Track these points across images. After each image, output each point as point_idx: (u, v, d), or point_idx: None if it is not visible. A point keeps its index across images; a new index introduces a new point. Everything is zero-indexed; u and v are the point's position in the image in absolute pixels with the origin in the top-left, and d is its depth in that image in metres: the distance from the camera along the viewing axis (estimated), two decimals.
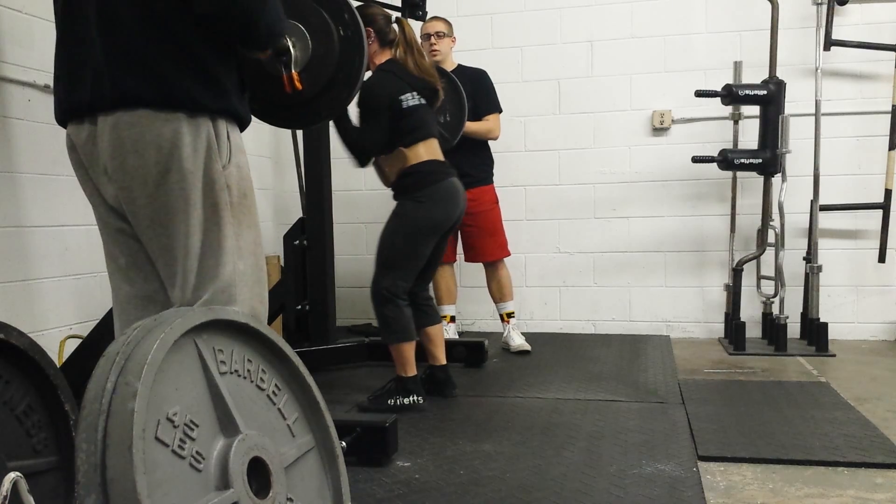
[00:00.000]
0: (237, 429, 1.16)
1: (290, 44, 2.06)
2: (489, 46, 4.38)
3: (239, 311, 1.27)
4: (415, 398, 2.81)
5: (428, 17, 3.29)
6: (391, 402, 2.79)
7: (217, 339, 1.21)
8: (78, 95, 1.48)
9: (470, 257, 3.95)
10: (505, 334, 3.94)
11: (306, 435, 1.37)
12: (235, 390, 1.21)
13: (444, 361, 3.01)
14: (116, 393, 1.02)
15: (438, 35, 3.75)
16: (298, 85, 2.06)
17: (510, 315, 3.92)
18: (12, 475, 1.09)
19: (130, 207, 1.49)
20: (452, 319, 4.01)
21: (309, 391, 1.39)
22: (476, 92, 3.70)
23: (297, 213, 4.12)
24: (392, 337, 2.84)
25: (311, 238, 3.51)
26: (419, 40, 3.85)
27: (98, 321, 2.56)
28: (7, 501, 1.08)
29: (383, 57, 2.89)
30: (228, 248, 1.51)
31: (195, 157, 1.47)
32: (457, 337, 3.97)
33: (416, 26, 3.24)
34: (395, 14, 2.98)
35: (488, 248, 3.84)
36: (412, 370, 2.84)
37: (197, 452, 1.09)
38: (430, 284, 4.04)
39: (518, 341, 3.88)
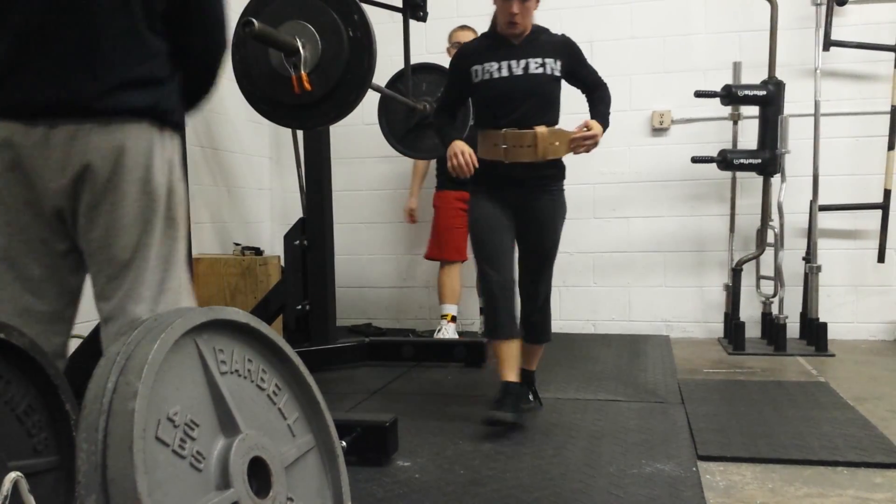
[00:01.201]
0: (237, 428, 1.17)
1: (299, 44, 2.06)
2: None
3: (239, 311, 1.27)
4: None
5: (428, 18, 3.28)
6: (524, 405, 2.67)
7: (217, 339, 1.22)
8: (48, 95, 1.40)
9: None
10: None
11: (306, 435, 1.37)
12: (236, 390, 1.21)
13: None
14: (117, 393, 1.02)
15: None
16: (308, 86, 2.06)
17: None
18: (13, 475, 1.09)
19: (90, 216, 1.44)
20: (453, 319, 4.03)
21: (309, 391, 1.39)
22: None
23: (297, 213, 4.12)
24: (550, 335, 2.75)
25: (311, 238, 3.51)
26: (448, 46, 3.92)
27: (99, 321, 2.55)
28: (8, 501, 1.08)
29: None
30: (179, 262, 1.53)
31: (163, 169, 1.49)
32: (456, 337, 3.99)
33: (417, 27, 3.25)
34: None
35: None
36: None
37: (197, 452, 1.10)
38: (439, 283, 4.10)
39: None
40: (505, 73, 2.53)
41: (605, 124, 2.56)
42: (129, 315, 1.45)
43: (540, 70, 2.53)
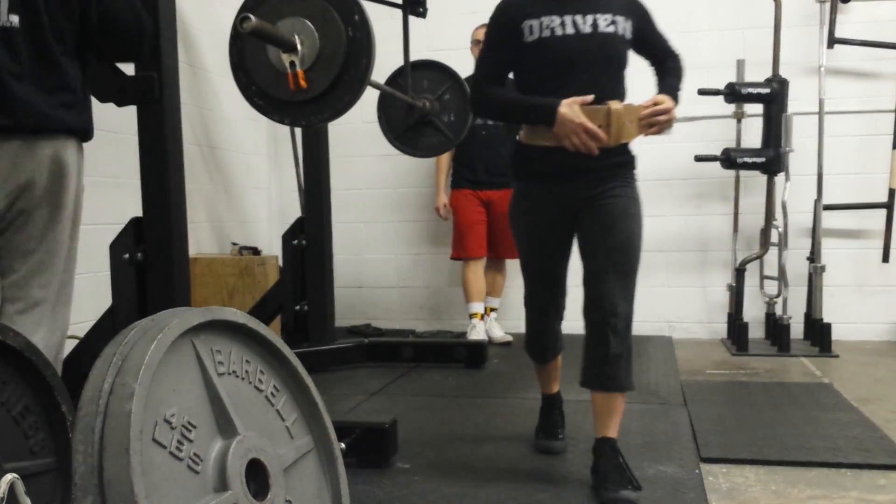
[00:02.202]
0: (235, 430, 1.15)
1: (297, 41, 2.05)
2: None
3: (237, 312, 1.26)
4: None
5: (428, 14, 3.26)
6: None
7: (215, 340, 1.20)
8: None
9: (487, 251, 4.13)
10: (486, 326, 4.11)
11: (305, 436, 1.36)
12: (233, 391, 1.20)
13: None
14: (114, 394, 1.02)
15: None
16: (303, 83, 2.05)
17: (493, 309, 4.15)
18: (9, 476, 1.08)
19: (23, 220, 1.66)
20: (482, 317, 4.08)
21: (308, 392, 1.38)
22: None
23: (295, 212, 4.11)
24: (633, 378, 2.05)
25: (309, 238, 3.49)
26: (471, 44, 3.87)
27: (95, 322, 2.54)
28: (4, 503, 1.07)
29: None
30: (75, 258, 1.82)
31: (79, 177, 1.75)
32: (485, 336, 4.00)
33: (417, 24, 3.23)
34: None
35: (511, 246, 3.90)
36: None
37: (195, 454, 1.08)
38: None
39: (499, 333, 4.08)
40: (570, 30, 1.96)
41: (676, 101, 2.01)
42: (34, 299, 1.70)
43: (611, 29, 1.98)
